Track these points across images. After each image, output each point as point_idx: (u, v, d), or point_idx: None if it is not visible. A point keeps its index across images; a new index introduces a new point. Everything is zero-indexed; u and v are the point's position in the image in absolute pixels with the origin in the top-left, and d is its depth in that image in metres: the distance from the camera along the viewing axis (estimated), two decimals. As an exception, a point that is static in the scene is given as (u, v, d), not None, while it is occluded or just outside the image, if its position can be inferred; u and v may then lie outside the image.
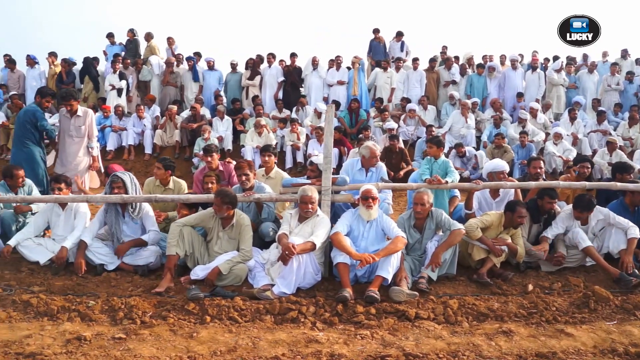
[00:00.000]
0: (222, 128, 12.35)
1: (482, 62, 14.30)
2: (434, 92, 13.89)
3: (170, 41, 15.06)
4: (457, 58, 14.75)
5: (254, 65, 13.72)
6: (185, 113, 12.70)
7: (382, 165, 6.59)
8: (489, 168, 6.69)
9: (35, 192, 6.66)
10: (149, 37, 14.77)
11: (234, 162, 7.00)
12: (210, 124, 12.30)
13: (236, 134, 12.59)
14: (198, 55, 14.30)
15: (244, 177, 5.96)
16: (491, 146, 11.22)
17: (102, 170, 7.84)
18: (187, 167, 11.44)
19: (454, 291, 5.27)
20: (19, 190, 6.48)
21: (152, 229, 5.81)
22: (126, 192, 5.75)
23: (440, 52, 15.14)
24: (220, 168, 6.94)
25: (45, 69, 14.23)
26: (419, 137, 12.16)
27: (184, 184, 6.74)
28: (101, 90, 13.90)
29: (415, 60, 13.82)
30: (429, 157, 6.66)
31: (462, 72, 14.06)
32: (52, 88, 12.82)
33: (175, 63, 13.88)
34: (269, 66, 13.65)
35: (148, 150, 12.25)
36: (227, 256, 5.28)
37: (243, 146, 11.85)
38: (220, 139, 11.81)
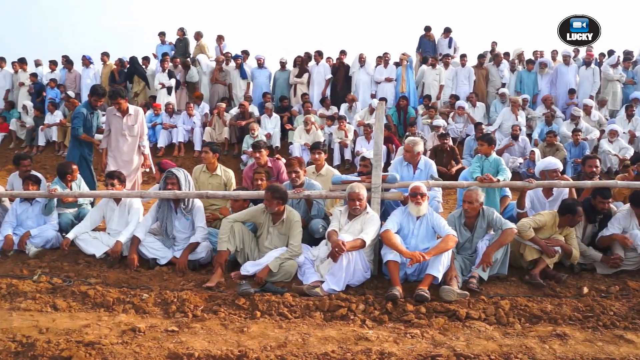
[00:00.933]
0: (270, 125, 12.45)
1: (533, 57, 13.96)
2: (483, 88, 13.65)
3: (219, 39, 15.26)
4: (507, 54, 14.45)
5: (302, 63, 13.76)
6: (234, 110, 12.86)
7: (431, 163, 6.53)
8: (541, 166, 6.54)
9: (84, 187, 6.93)
10: (198, 36, 15.02)
11: (283, 159, 7.05)
12: (259, 121, 12.42)
13: (284, 132, 12.70)
14: (246, 53, 14.46)
15: (294, 175, 5.99)
16: (543, 144, 10.95)
17: (154, 169, 7.93)
18: (236, 164, 11.57)
19: (505, 292, 5.17)
20: (72, 185, 6.74)
21: (200, 225, 5.89)
22: (179, 189, 5.87)
23: (490, 50, 14.87)
24: (270, 165, 6.99)
25: (99, 68, 14.64)
26: (467, 135, 11.97)
27: (231, 172, 6.84)
28: (152, 89, 14.23)
29: (463, 56, 13.59)
30: (479, 154, 6.56)
31: (512, 69, 13.77)
32: (105, 87, 13.23)
33: (224, 61, 14.06)
34: (317, 64, 13.66)
35: (197, 147, 12.46)
36: (277, 252, 5.33)
37: (291, 143, 11.93)
38: (269, 136, 11.92)
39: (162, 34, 15.47)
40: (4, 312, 4.63)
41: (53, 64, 15.24)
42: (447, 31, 14.79)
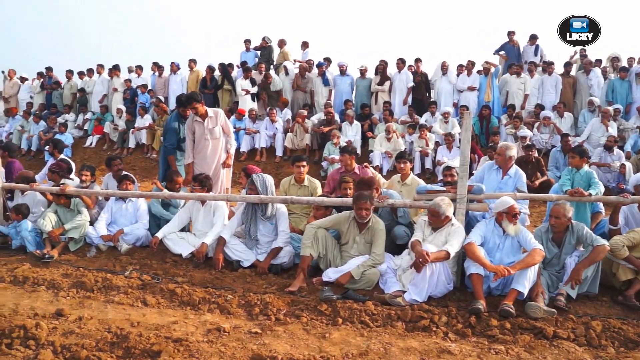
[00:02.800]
0: (351, 133, 12.50)
1: (627, 64, 13.25)
2: (570, 98, 13.07)
3: (304, 45, 15.49)
4: (598, 61, 13.81)
5: (383, 71, 13.74)
6: (316, 117, 13.01)
7: (521, 174, 6.31)
8: (636, 180, 6.21)
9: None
10: (282, 43, 15.30)
11: (372, 168, 7.07)
12: (340, 128, 12.49)
13: (365, 139, 12.70)
14: (328, 60, 14.58)
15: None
16: (636, 157, 10.38)
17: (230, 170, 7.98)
18: (316, 171, 11.67)
19: (595, 312, 4.93)
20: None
21: (282, 229, 5.99)
22: (257, 194, 6.00)
23: (580, 55, 14.27)
24: (357, 171, 7.01)
25: (186, 74, 15.20)
26: (553, 146, 11.52)
27: (318, 183, 6.92)
28: (235, 95, 14.59)
29: (550, 64, 13.10)
30: (570, 167, 6.31)
31: (604, 76, 13.13)
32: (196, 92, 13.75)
33: (307, 68, 14.25)
34: (399, 71, 13.59)
35: (279, 152, 12.74)
36: (359, 260, 5.34)
37: (371, 151, 11.93)
38: (350, 143, 11.97)
39: (247, 42, 15.85)
40: (99, 303, 4.92)
41: (139, 69, 16.00)
42: (533, 38, 14.35)
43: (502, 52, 14.38)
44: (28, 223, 6.61)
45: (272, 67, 15.30)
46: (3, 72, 17.25)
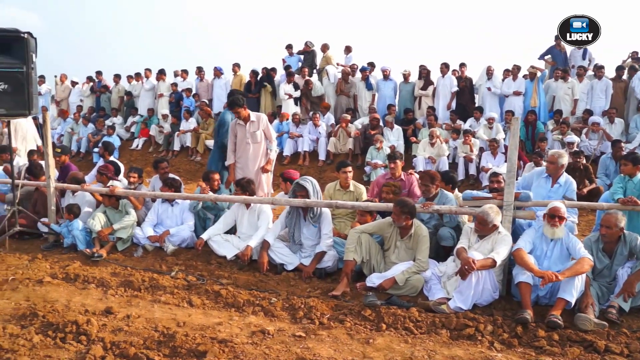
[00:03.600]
0: (393, 138, 12.45)
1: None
2: (621, 103, 12.69)
3: (347, 50, 15.50)
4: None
5: (427, 75, 13.64)
6: (359, 121, 13.01)
7: (572, 182, 6.15)
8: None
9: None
10: (325, 48, 15.35)
11: (416, 174, 7.02)
12: (382, 133, 12.46)
13: (407, 144, 12.62)
14: (372, 65, 14.54)
15: (424, 187, 5.97)
16: (691, 166, 9.99)
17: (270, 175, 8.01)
18: (359, 175, 11.66)
19: (651, 326, 4.76)
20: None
21: (325, 233, 6.00)
22: (308, 198, 6.03)
23: (631, 57, 13.86)
24: (402, 178, 6.99)
25: (230, 78, 15.41)
26: (602, 153, 11.20)
27: (363, 188, 6.91)
28: (278, 99, 14.72)
29: (599, 68, 12.70)
30: (622, 175, 6.13)
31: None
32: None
33: (350, 73, 14.26)
34: (443, 76, 13.47)
35: (322, 157, 12.78)
36: (403, 266, 5.31)
37: (414, 156, 11.84)
38: (392, 148, 11.91)
39: (289, 46, 15.96)
40: (146, 302, 5.03)
41: (184, 72, 16.30)
42: (582, 42, 13.99)
43: (548, 57, 14.07)
44: (79, 222, 6.81)
45: (314, 71, 15.38)
46: (55, 76, 17.88)
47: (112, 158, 8.56)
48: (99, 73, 17.50)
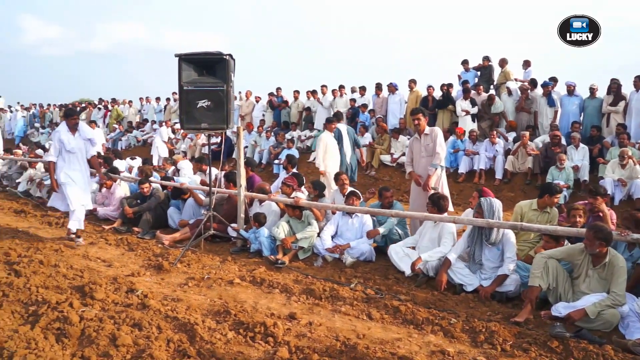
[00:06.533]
0: (577, 157, 11.60)
1: None
2: None
3: (526, 64, 14.86)
4: None
5: (617, 90, 12.53)
6: (539, 139, 12.35)
7: None
8: None
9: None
10: (503, 62, 14.86)
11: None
12: (565, 151, 11.68)
13: (593, 164, 11.69)
14: (554, 80, 13.75)
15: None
16: None
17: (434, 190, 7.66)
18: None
19: None
20: None
21: (509, 256, 5.78)
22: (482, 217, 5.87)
23: None
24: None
25: (405, 94, 15.51)
26: None
27: (555, 210, 6.55)
28: (454, 115, 14.49)
29: None
30: None
31: None
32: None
33: (529, 88, 13.62)
34: (636, 90, 12.23)
35: (498, 175, 12.32)
36: (595, 297, 4.90)
37: (602, 178, 10.92)
38: (576, 168, 11.11)
39: (465, 62, 15.72)
40: (327, 312, 5.22)
41: (362, 89, 16.73)
42: None
43: None
44: (265, 230, 7.29)
45: (492, 87, 14.92)
46: (240, 92, 19.46)
47: (294, 170, 9.05)
48: (278, 89, 18.68)
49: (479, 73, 15.48)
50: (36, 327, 4.50)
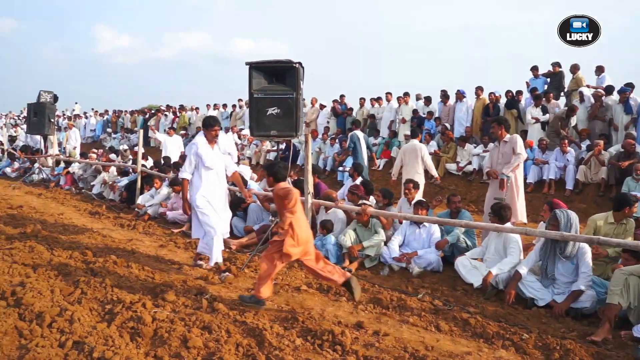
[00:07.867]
0: (656, 167, 11.06)
1: None
2: None
3: (599, 70, 14.32)
4: None
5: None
6: (614, 148, 11.85)
7: None
8: None
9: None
10: (575, 69, 14.35)
11: None
12: (640, 162, 11.17)
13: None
14: (631, 86, 13.15)
15: None
16: None
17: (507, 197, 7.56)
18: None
19: None
20: None
21: (584, 271, 5.56)
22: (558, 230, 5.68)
23: None
24: None
25: (472, 102, 15.26)
26: None
27: (633, 223, 6.27)
28: (524, 123, 14.12)
29: None
30: None
31: None
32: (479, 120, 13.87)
33: (602, 94, 13.10)
34: None
35: (569, 185, 11.90)
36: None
37: (683, 190, 10.38)
38: (654, 179, 10.61)
39: (534, 68, 15.32)
40: (395, 322, 5.18)
41: (427, 100, 16.58)
42: None
43: None
44: (332, 237, 7.32)
45: (562, 94, 14.47)
46: (304, 99, 19.61)
47: (360, 178, 9.05)
48: (342, 96, 18.76)
49: (548, 80, 15.04)
50: (112, 325, 4.66)
